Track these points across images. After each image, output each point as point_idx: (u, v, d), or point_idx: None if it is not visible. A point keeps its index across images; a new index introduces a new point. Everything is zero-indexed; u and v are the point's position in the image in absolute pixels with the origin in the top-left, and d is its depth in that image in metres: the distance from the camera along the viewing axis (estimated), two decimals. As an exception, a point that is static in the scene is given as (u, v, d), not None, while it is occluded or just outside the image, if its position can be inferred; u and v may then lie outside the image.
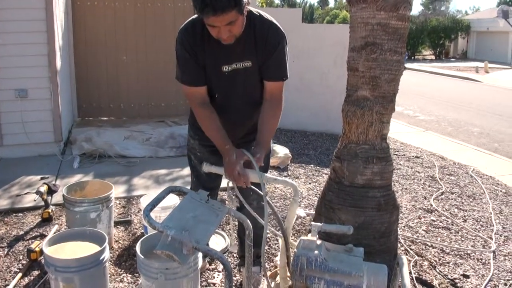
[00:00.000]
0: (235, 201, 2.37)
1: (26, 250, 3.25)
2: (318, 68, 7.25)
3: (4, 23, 5.14)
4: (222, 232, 3.64)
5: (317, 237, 2.04)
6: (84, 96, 7.17)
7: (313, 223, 2.08)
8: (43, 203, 3.90)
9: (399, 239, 3.57)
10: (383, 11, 2.64)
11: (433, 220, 4.19)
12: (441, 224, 4.13)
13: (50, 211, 3.84)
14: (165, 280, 2.27)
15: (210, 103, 2.41)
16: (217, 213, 1.90)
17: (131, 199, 4.36)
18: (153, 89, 7.43)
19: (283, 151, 5.59)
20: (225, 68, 2.33)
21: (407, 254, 3.51)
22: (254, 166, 2.15)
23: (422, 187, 5.10)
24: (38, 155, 5.45)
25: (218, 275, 3.14)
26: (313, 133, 7.29)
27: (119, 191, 4.47)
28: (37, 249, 3.16)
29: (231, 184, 2.31)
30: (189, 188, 2.46)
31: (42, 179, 4.70)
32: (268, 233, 3.51)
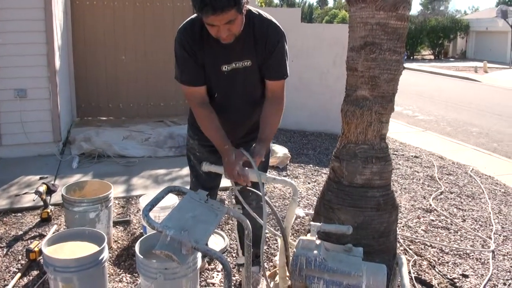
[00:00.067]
0: (237, 206, 2.38)
1: (25, 250, 3.24)
2: (317, 68, 7.25)
3: (3, 22, 5.14)
4: (221, 232, 3.65)
5: (316, 237, 2.04)
6: (83, 96, 7.16)
7: (312, 223, 2.08)
8: (42, 203, 3.90)
9: (398, 239, 3.57)
10: (382, 11, 2.64)
11: (432, 220, 4.20)
12: (440, 224, 4.13)
13: (49, 211, 3.84)
14: (164, 280, 2.27)
15: (210, 103, 2.41)
16: (216, 213, 1.90)
17: (130, 199, 4.36)
18: (152, 89, 7.43)
19: (282, 151, 5.59)
20: (225, 68, 2.33)
21: (406, 254, 3.51)
22: (253, 166, 2.15)
23: (421, 187, 5.10)
24: (37, 155, 5.45)
25: (217, 275, 3.14)
26: (312, 133, 7.29)
27: (118, 191, 4.47)
28: (36, 249, 3.16)
29: (231, 184, 2.31)
30: (188, 188, 2.46)
31: (41, 179, 4.69)
32: (267, 232, 3.51)
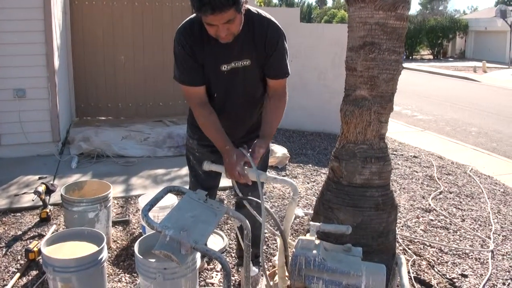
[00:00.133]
0: (236, 222, 2.38)
1: (24, 250, 3.24)
2: (316, 68, 7.25)
3: (2, 22, 5.14)
4: (220, 232, 3.65)
5: (316, 236, 2.04)
6: (82, 96, 7.16)
7: (312, 223, 2.08)
8: (41, 203, 3.90)
9: (397, 238, 3.58)
10: (382, 10, 2.64)
11: (431, 220, 4.20)
12: (439, 223, 4.13)
13: (48, 211, 3.84)
14: (163, 280, 2.27)
15: (209, 103, 2.41)
16: (216, 213, 1.90)
17: (129, 199, 4.36)
18: (151, 88, 7.44)
19: (281, 151, 5.59)
20: (224, 67, 2.32)
21: (405, 254, 3.51)
22: (252, 166, 2.15)
23: (420, 187, 5.10)
24: (36, 155, 5.44)
25: (217, 275, 3.14)
26: (311, 133, 7.29)
27: (117, 191, 4.46)
28: (35, 249, 3.15)
29: (232, 183, 2.31)
30: (187, 188, 2.46)
31: (40, 179, 4.69)
32: (267, 232, 3.51)
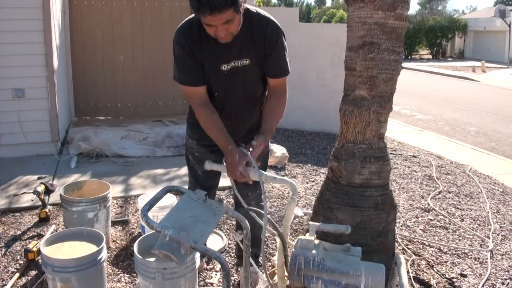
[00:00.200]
0: (237, 236, 2.39)
1: (23, 250, 3.24)
2: (315, 68, 7.25)
3: (1, 22, 5.13)
4: (219, 231, 3.65)
5: (315, 236, 2.04)
6: (81, 96, 7.16)
7: (311, 223, 2.08)
8: (40, 203, 3.90)
9: (396, 238, 3.58)
10: (381, 10, 2.64)
11: (430, 219, 4.20)
12: (438, 223, 4.13)
13: (47, 211, 3.84)
14: (162, 280, 2.27)
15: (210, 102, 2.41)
16: (215, 213, 1.90)
17: (129, 199, 4.36)
18: (150, 88, 7.44)
19: (281, 151, 5.59)
20: (224, 67, 2.32)
21: (404, 254, 3.51)
22: (254, 166, 2.16)
23: (419, 187, 5.10)
24: (35, 154, 5.44)
25: (216, 275, 3.14)
26: (310, 133, 7.29)
27: (116, 190, 4.46)
28: (34, 249, 3.15)
29: (231, 183, 2.31)
30: (186, 187, 2.46)
31: (39, 178, 4.69)
32: (266, 232, 3.51)
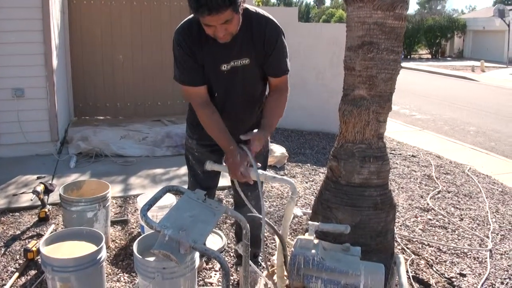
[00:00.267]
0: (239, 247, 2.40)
1: (22, 249, 3.24)
2: (314, 67, 7.25)
3: (0, 21, 5.13)
4: (219, 231, 3.65)
5: (314, 236, 2.04)
6: (80, 95, 7.16)
7: (310, 222, 2.08)
8: (39, 203, 3.89)
9: (396, 238, 3.58)
10: (380, 10, 2.64)
11: (429, 219, 4.20)
12: (437, 223, 4.14)
13: (46, 210, 3.83)
14: (162, 280, 2.27)
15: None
16: (214, 213, 1.90)
17: (128, 199, 4.36)
18: (149, 88, 7.43)
19: (280, 150, 5.59)
20: (224, 67, 2.32)
21: (403, 253, 3.52)
22: (253, 165, 2.16)
23: (418, 186, 5.11)
24: (34, 154, 5.44)
25: (215, 274, 3.14)
26: (309, 132, 7.29)
27: (115, 190, 4.46)
28: (34, 248, 3.15)
29: (235, 183, 2.31)
30: (186, 187, 2.46)
31: (38, 178, 4.69)
32: (266, 232, 3.51)
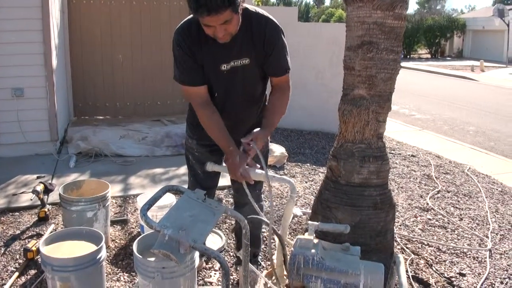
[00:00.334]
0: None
1: (22, 249, 3.24)
2: (314, 67, 7.25)
3: (0, 21, 5.13)
4: (218, 231, 3.65)
5: (314, 236, 2.04)
6: (80, 95, 7.16)
7: (310, 222, 2.09)
8: (39, 202, 3.90)
9: (395, 237, 3.58)
10: (380, 10, 2.64)
11: (429, 219, 4.21)
12: (437, 222, 4.14)
13: (46, 210, 3.84)
14: (162, 279, 2.27)
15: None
16: (214, 212, 1.90)
17: (128, 198, 4.36)
18: (149, 88, 7.43)
19: (279, 150, 5.59)
20: (224, 67, 2.32)
21: (403, 253, 3.52)
22: (263, 165, 2.17)
23: (418, 186, 5.11)
24: (34, 154, 5.44)
25: (215, 274, 3.15)
26: (309, 132, 7.29)
27: (115, 190, 4.46)
28: (33, 248, 3.16)
29: (243, 184, 2.32)
30: (185, 187, 2.46)
31: (38, 178, 4.69)
32: (265, 231, 3.51)
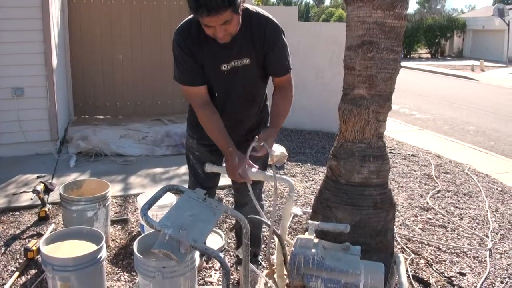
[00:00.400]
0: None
1: (23, 249, 3.24)
2: (314, 67, 7.25)
3: (0, 21, 5.13)
4: (219, 230, 3.65)
5: (314, 235, 2.04)
6: (80, 95, 7.16)
7: (310, 222, 2.09)
8: (39, 202, 3.90)
9: (395, 237, 3.58)
10: (380, 9, 2.64)
11: (429, 218, 4.21)
12: (437, 222, 4.14)
13: (46, 209, 3.84)
14: (162, 279, 2.27)
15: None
16: (215, 212, 1.90)
17: (128, 198, 4.36)
18: (149, 87, 7.43)
19: (280, 150, 5.58)
20: (224, 67, 2.33)
21: (403, 252, 3.52)
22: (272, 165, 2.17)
23: (418, 185, 5.11)
24: (34, 153, 5.44)
25: (215, 273, 3.15)
26: (309, 132, 7.29)
27: (115, 189, 4.47)
28: (34, 248, 3.16)
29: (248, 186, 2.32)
30: (186, 186, 2.47)
31: (38, 177, 4.69)
32: (265, 231, 3.51)
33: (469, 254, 3.59)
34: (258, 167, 2.27)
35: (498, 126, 9.44)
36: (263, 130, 2.40)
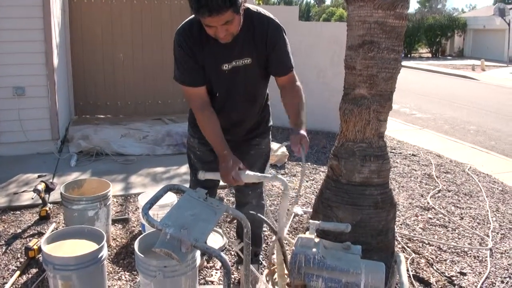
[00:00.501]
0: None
1: (24, 248, 3.24)
2: (315, 66, 7.25)
3: (1, 20, 5.13)
4: (220, 230, 3.65)
5: (315, 235, 2.04)
6: (81, 94, 7.16)
7: (311, 221, 2.09)
8: (40, 201, 3.90)
9: (396, 237, 3.59)
10: (381, 9, 2.65)
11: (430, 218, 4.21)
12: (438, 222, 4.14)
13: (47, 209, 3.84)
14: (163, 278, 2.27)
15: (211, 102, 2.41)
16: (216, 211, 1.91)
17: (129, 197, 4.36)
18: (150, 86, 7.44)
19: (280, 149, 5.60)
20: (225, 67, 2.32)
21: (404, 252, 3.52)
22: (303, 159, 2.20)
23: (419, 185, 5.11)
24: (35, 153, 5.45)
25: (216, 273, 3.15)
26: (310, 131, 7.27)
27: (116, 189, 4.47)
28: (35, 247, 3.16)
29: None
30: (187, 186, 2.47)
31: (39, 177, 4.69)
32: (266, 230, 3.52)
33: (470, 253, 3.59)
34: (247, 169, 2.24)
35: (499, 125, 9.44)
36: (292, 134, 2.35)
